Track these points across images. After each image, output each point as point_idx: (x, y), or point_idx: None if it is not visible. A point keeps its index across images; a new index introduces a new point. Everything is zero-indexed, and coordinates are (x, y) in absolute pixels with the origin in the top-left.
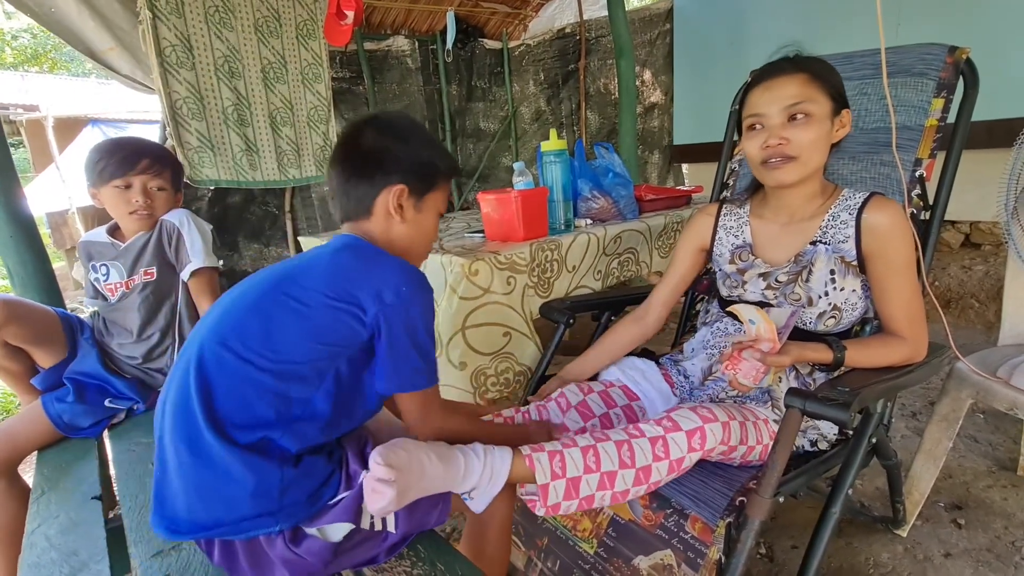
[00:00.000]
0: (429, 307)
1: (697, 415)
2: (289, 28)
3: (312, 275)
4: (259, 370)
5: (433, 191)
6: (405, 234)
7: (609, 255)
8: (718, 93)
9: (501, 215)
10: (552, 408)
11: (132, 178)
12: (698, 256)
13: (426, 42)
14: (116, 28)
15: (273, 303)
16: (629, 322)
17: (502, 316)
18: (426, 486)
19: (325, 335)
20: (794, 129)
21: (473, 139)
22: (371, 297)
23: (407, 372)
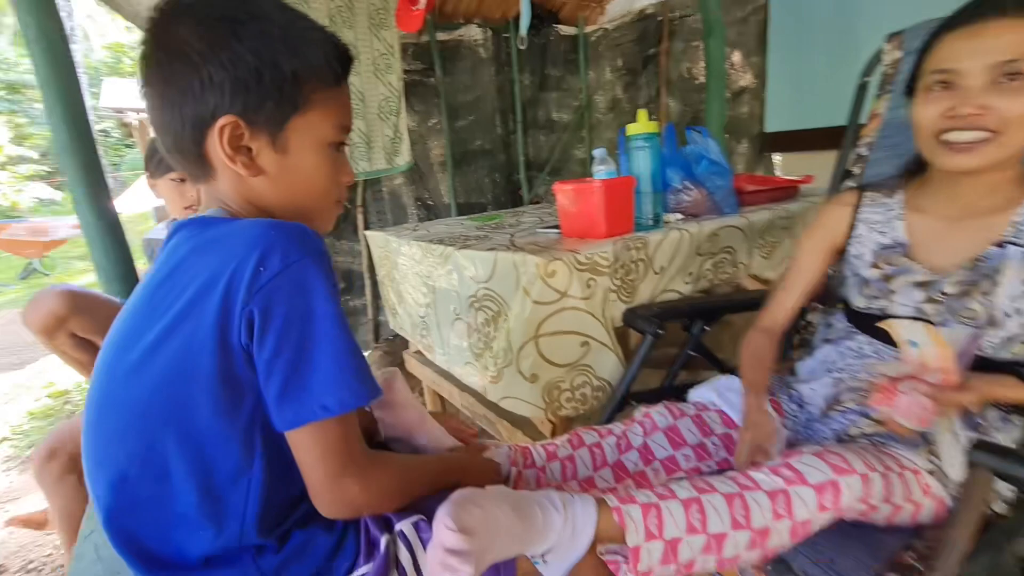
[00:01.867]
0: (325, 279)
1: (827, 464)
2: (362, 18)
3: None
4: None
5: (301, 113)
6: (270, 191)
7: (703, 255)
8: (820, 75)
9: (580, 208)
10: (634, 430)
11: None
12: (829, 256)
13: (499, 30)
14: None
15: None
16: (765, 343)
17: (580, 323)
18: (502, 550)
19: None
20: (1000, 96)
21: (545, 131)
22: (234, 288)
23: (300, 389)
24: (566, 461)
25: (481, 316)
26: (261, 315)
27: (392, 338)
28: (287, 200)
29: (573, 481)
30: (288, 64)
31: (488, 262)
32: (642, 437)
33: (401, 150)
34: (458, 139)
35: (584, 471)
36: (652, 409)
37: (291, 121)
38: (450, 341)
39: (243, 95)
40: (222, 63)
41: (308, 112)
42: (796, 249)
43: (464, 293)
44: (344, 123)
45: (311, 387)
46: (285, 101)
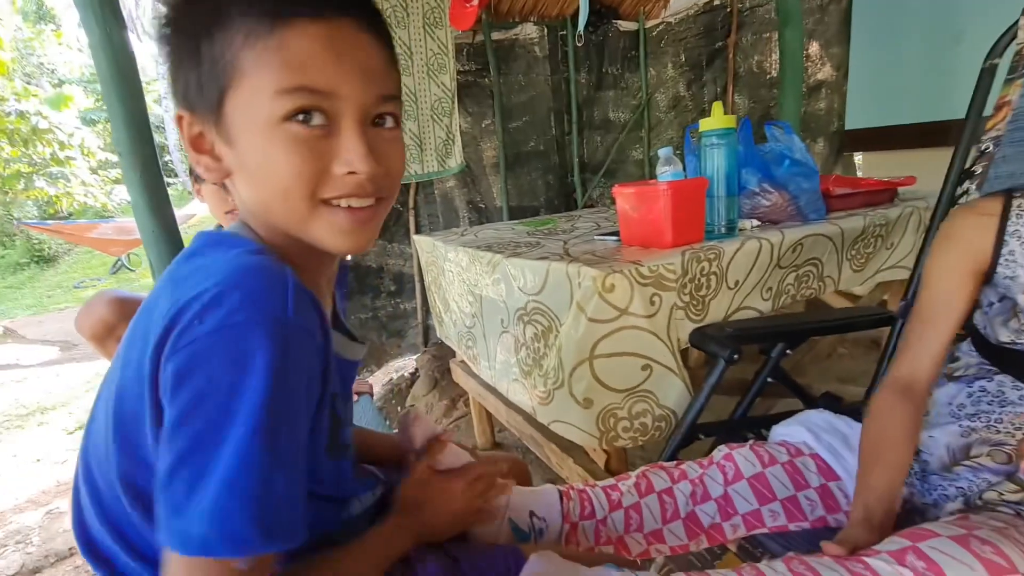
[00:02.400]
0: (273, 358)
1: (973, 554)
2: (416, 17)
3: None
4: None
5: (233, 88)
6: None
7: (784, 267)
8: (912, 65)
9: (643, 214)
10: (713, 475)
11: None
12: (973, 280)
13: (555, 28)
14: None
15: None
16: (899, 402)
17: (642, 344)
18: None
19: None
20: None
21: (601, 131)
22: (164, 327)
23: (184, 496)
24: (631, 511)
25: (530, 330)
26: (175, 378)
27: (441, 342)
28: (261, 205)
29: (638, 534)
30: (199, 26)
31: (540, 273)
32: (722, 486)
33: (453, 152)
34: (511, 140)
35: (651, 523)
36: (736, 451)
37: (226, 100)
38: (497, 355)
39: (177, 84)
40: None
41: (240, 81)
42: (928, 274)
43: (512, 305)
44: (298, 82)
45: (187, 507)
46: (212, 79)
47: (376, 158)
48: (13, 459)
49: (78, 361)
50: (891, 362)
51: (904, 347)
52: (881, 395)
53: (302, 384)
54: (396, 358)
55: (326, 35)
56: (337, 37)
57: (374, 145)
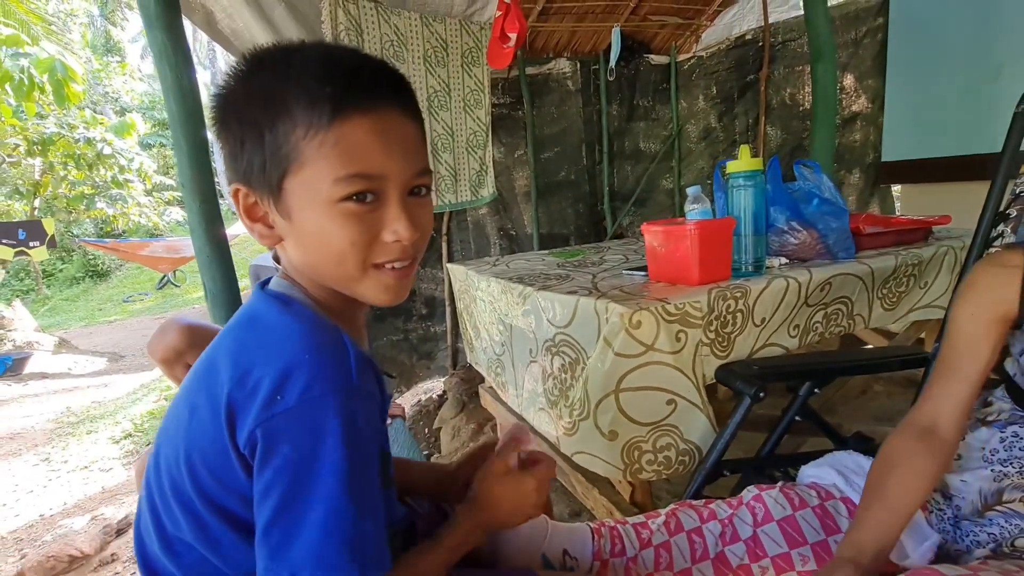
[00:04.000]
0: (344, 422)
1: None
2: (455, 57)
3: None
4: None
5: (294, 171)
6: (297, 258)
7: (812, 306)
8: (949, 97)
9: (671, 251)
10: (743, 516)
11: None
12: (1000, 330)
13: (588, 62)
14: None
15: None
16: (914, 447)
17: (667, 379)
18: None
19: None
20: None
21: (631, 161)
22: (236, 407)
23: (281, 552)
24: (661, 549)
25: (558, 362)
26: (264, 445)
27: (469, 365)
28: (311, 268)
29: (668, 572)
30: (264, 118)
31: (568, 306)
32: (752, 527)
33: (486, 182)
34: (543, 170)
35: (681, 562)
36: (766, 492)
37: (285, 182)
38: (525, 383)
39: (237, 162)
40: (224, 132)
41: (301, 168)
42: (952, 322)
43: (541, 336)
44: (355, 170)
45: (289, 551)
46: (274, 162)
47: (415, 224)
48: (64, 464)
49: (125, 372)
50: (912, 405)
51: (927, 391)
52: (895, 436)
53: (369, 438)
54: (425, 380)
55: (377, 127)
56: (386, 126)
57: (413, 213)
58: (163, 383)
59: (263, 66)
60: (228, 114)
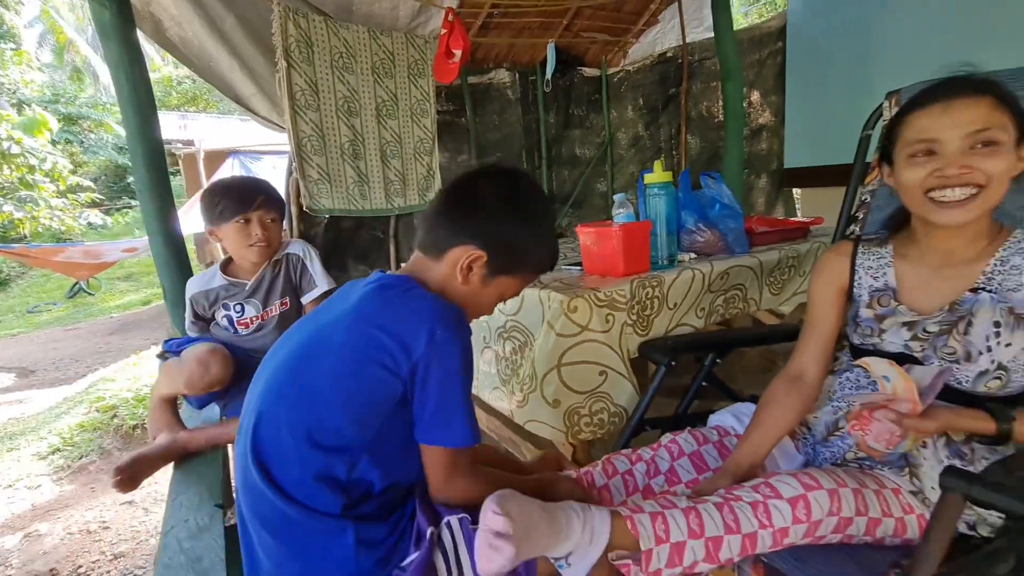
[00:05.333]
0: (469, 352)
1: (799, 482)
2: (402, 68)
3: (339, 329)
4: (301, 441)
5: (510, 276)
6: (459, 296)
7: (714, 292)
8: (835, 113)
9: (601, 249)
10: (662, 455)
11: (251, 214)
12: (840, 299)
13: (526, 73)
14: (258, 76)
15: (305, 368)
16: (784, 389)
17: (599, 354)
18: (534, 545)
19: (357, 394)
20: (980, 158)
21: (568, 166)
22: (406, 343)
23: (448, 424)
24: (603, 491)
25: (509, 345)
26: (424, 368)
27: None
28: (460, 304)
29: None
30: (531, 254)
31: (516, 297)
32: (669, 462)
33: (433, 186)
34: None
35: (618, 497)
36: (679, 436)
37: (503, 276)
38: (479, 368)
39: (498, 250)
40: (502, 229)
41: (513, 278)
42: (809, 296)
43: (493, 324)
44: (519, 294)
45: (448, 423)
46: (512, 267)
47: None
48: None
49: (39, 387)
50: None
51: (796, 349)
52: (773, 382)
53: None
54: None
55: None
56: None
57: None
58: (91, 394)
59: (547, 219)
60: (519, 227)
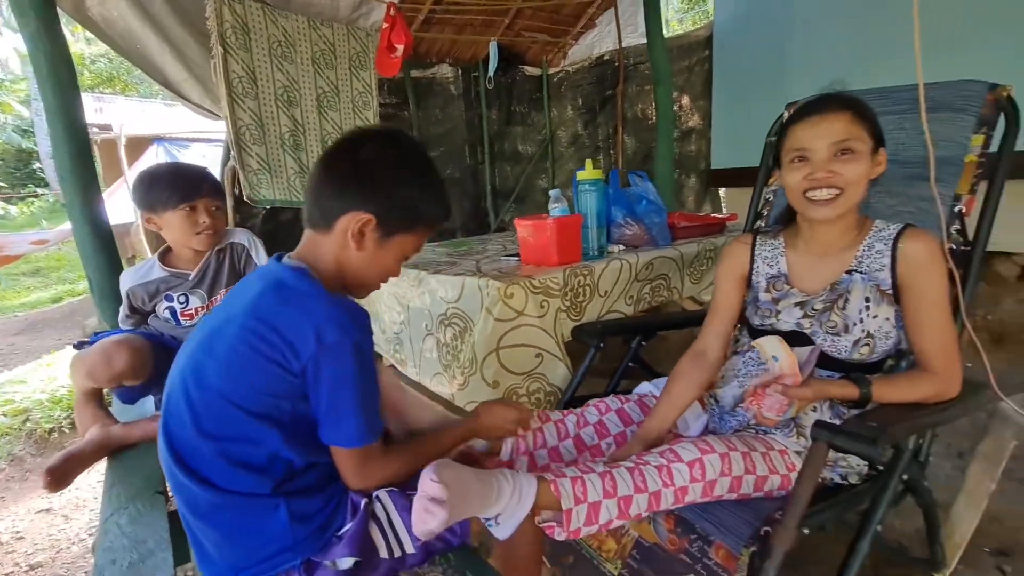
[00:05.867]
0: (363, 352)
1: (696, 447)
2: (343, 60)
3: (235, 326)
4: (213, 438)
5: (405, 233)
6: (357, 262)
7: (641, 281)
8: (756, 119)
9: (537, 240)
10: (590, 411)
11: (198, 201)
12: (741, 285)
13: (469, 69)
14: (190, 61)
15: (202, 368)
16: (690, 364)
17: (535, 338)
18: (467, 508)
19: (257, 388)
20: (840, 164)
21: (511, 162)
22: (296, 345)
23: (344, 426)
24: (537, 432)
25: (450, 332)
26: (315, 372)
27: None
28: (359, 272)
29: (542, 450)
30: (421, 209)
31: (457, 285)
32: (598, 416)
33: None
34: None
35: (552, 441)
36: (607, 398)
37: (398, 235)
38: (422, 355)
39: (386, 210)
40: (386, 189)
41: (408, 235)
42: (715, 281)
43: (435, 312)
44: (419, 250)
45: (345, 425)
46: (405, 225)
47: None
48: None
49: None
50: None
51: (702, 329)
52: (682, 358)
53: (371, 350)
54: None
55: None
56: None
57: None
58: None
59: (434, 175)
60: (406, 187)
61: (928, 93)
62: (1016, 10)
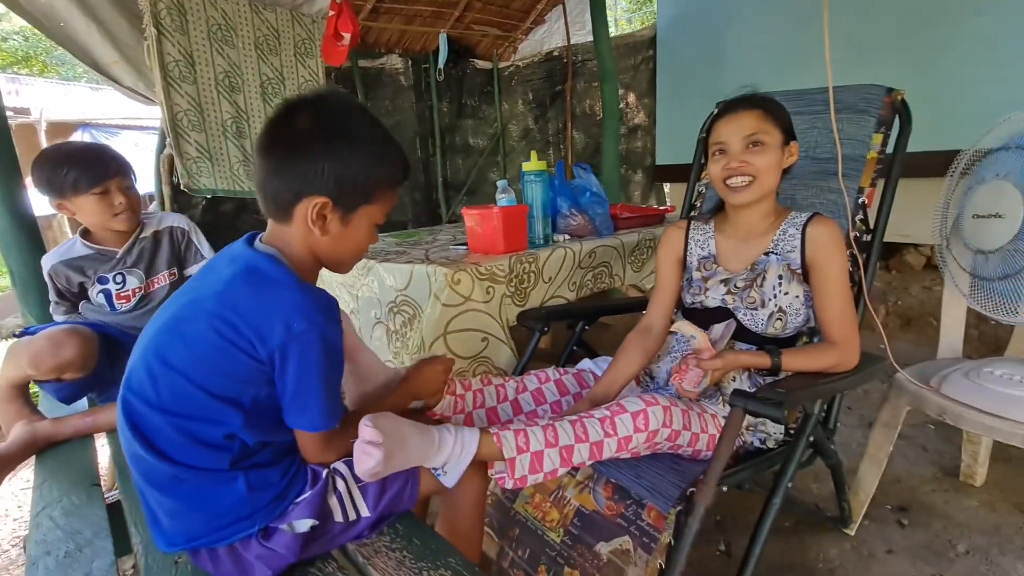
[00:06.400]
0: (329, 339)
1: (642, 400)
2: (288, 46)
3: (204, 309)
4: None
5: (368, 204)
6: (327, 246)
7: (584, 268)
8: (697, 117)
9: (484, 229)
10: (530, 379)
11: (109, 182)
12: (678, 265)
13: (419, 61)
14: (121, 43)
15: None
16: (636, 338)
17: (481, 323)
18: (408, 455)
19: (223, 373)
20: (751, 155)
21: (462, 155)
22: (264, 334)
23: (307, 412)
24: (477, 392)
25: (399, 319)
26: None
27: None
28: (332, 254)
29: (481, 410)
30: (375, 175)
31: (405, 273)
32: (537, 384)
33: None
34: None
35: (490, 402)
36: (548, 369)
37: (361, 208)
38: (371, 343)
39: (340, 188)
40: (333, 166)
41: (372, 205)
42: (656, 263)
43: (384, 299)
44: (389, 211)
45: (314, 412)
46: (364, 196)
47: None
48: None
49: None
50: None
51: (647, 307)
52: (628, 335)
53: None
54: None
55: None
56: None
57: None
58: None
59: (379, 134)
60: (351, 156)
61: (836, 95)
62: (911, 26)
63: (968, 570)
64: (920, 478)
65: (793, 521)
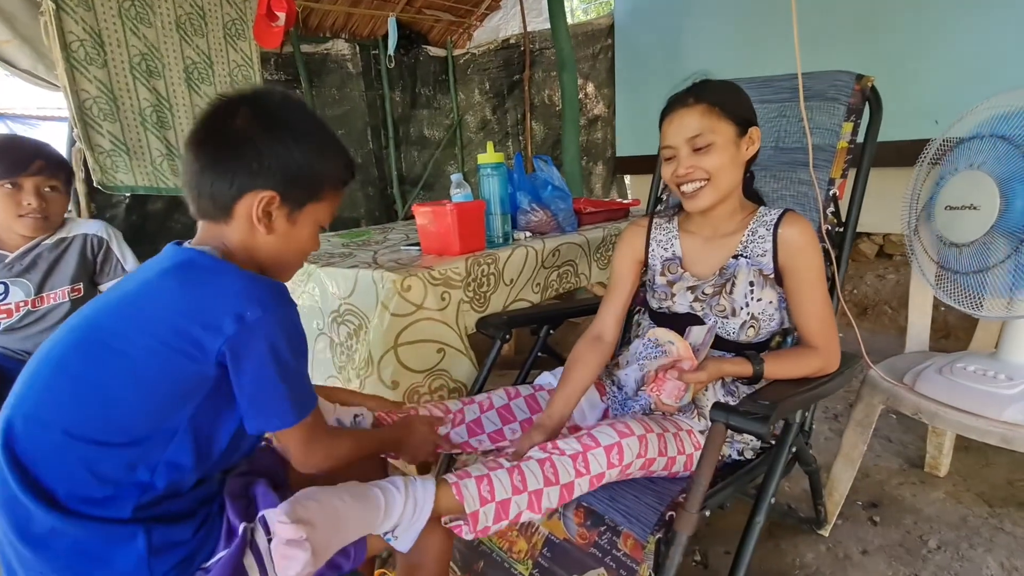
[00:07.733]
0: (289, 324)
1: (615, 431)
2: (216, 27)
3: (129, 314)
4: (83, 441)
5: (314, 202)
6: (271, 246)
7: (548, 268)
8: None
9: (437, 228)
10: (472, 409)
11: (24, 179)
12: (636, 268)
13: (367, 47)
14: (13, 19)
15: (83, 359)
16: (587, 348)
17: (436, 333)
18: (345, 536)
19: (157, 386)
20: (700, 157)
21: (417, 147)
22: (210, 330)
23: (277, 408)
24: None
25: (344, 330)
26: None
27: None
28: (276, 255)
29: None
30: (322, 169)
31: (349, 279)
32: (477, 414)
33: None
34: None
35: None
36: (493, 392)
37: (307, 205)
38: (314, 356)
39: (286, 182)
40: (278, 158)
41: (318, 203)
42: (612, 263)
43: (327, 309)
44: (335, 213)
45: (279, 406)
46: (311, 193)
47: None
48: None
49: None
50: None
51: (598, 312)
52: (578, 343)
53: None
54: None
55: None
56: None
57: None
58: None
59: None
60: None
61: (805, 82)
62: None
63: (942, 566)
64: (888, 471)
65: (767, 524)
